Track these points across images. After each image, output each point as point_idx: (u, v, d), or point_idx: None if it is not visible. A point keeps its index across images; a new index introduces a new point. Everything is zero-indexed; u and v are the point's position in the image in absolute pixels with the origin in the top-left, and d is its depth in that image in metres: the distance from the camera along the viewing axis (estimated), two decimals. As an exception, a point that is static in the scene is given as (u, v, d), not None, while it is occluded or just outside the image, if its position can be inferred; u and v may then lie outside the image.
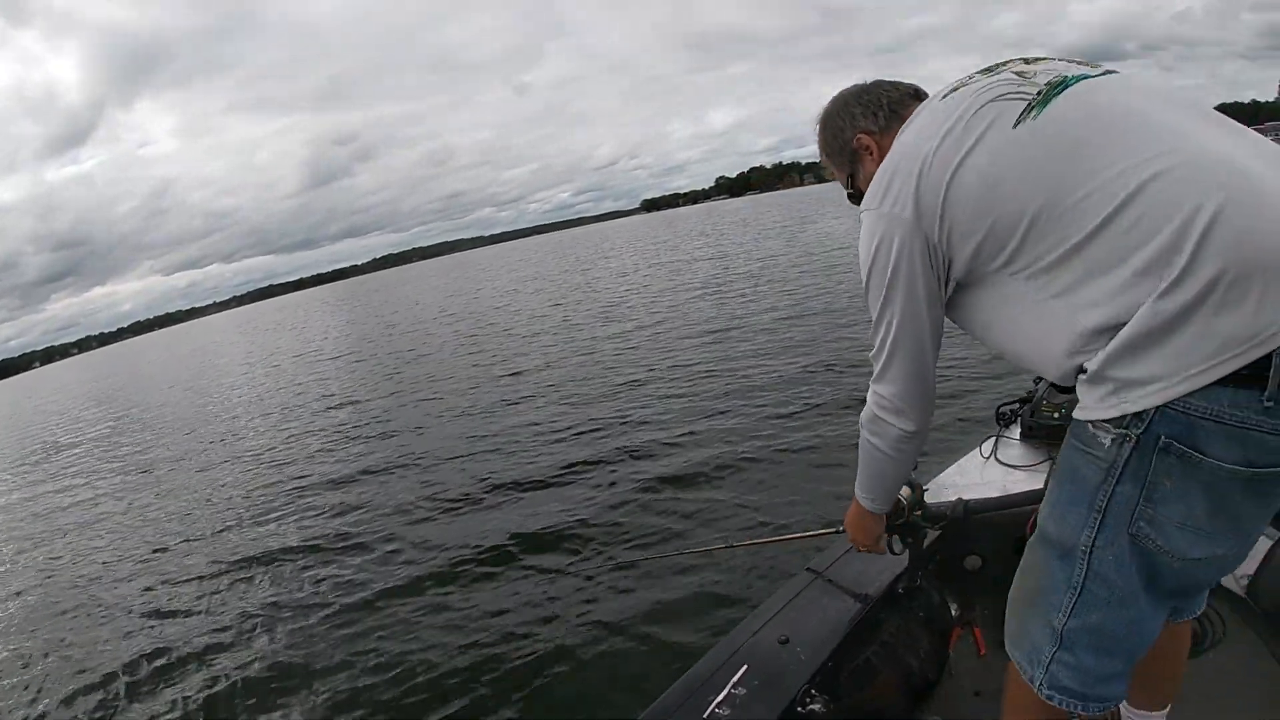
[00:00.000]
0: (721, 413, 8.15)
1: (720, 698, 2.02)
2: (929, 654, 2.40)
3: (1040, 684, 1.49)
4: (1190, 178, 1.14)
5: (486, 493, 7.10)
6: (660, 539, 5.30)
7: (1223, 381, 1.10)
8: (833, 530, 2.29)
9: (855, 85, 1.75)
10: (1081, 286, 1.22)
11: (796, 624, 2.30)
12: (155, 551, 7.77)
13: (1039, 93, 1.31)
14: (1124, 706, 1.92)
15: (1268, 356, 1.07)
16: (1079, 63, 1.39)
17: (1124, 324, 1.17)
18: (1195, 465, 1.18)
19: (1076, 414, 1.31)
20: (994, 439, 3.08)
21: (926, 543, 2.46)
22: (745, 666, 2.13)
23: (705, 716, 1.97)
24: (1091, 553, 1.34)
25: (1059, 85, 1.30)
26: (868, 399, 1.61)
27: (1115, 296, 1.18)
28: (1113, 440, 1.24)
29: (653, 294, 20.70)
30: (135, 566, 7.36)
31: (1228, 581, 2.45)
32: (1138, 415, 1.19)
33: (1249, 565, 2.39)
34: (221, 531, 7.85)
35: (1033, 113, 1.28)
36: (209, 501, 9.28)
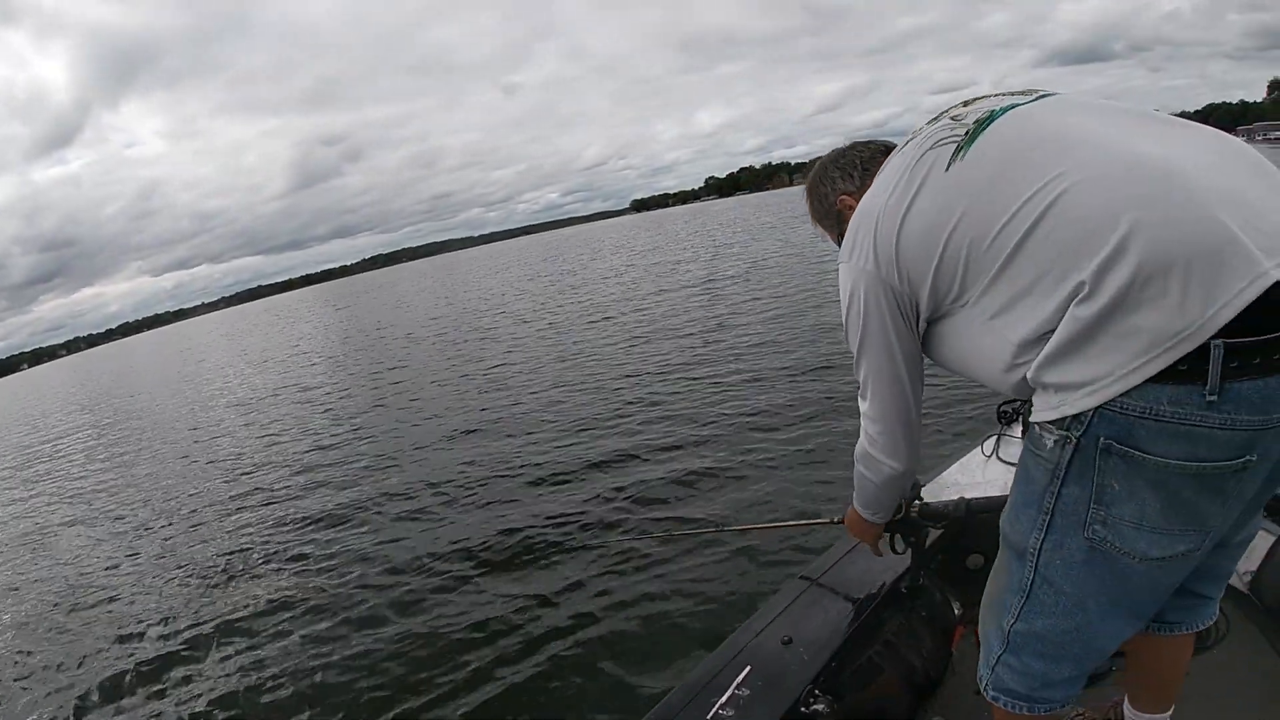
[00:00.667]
0: (714, 409, 8.23)
1: (724, 699, 2.02)
2: (932, 653, 2.39)
3: (986, 685, 1.54)
4: (1104, 187, 1.15)
5: (474, 494, 7.11)
6: (654, 531, 5.31)
7: (1160, 379, 1.10)
8: (826, 521, 2.39)
9: (833, 151, 1.87)
10: (1012, 305, 1.26)
11: (799, 624, 2.30)
12: (128, 556, 7.81)
13: (966, 133, 1.36)
14: (1128, 708, 1.92)
15: (1205, 350, 1.06)
16: (1016, 93, 1.43)
17: (1051, 333, 1.19)
18: (1139, 464, 1.18)
19: (1030, 417, 1.33)
20: (996, 437, 3.08)
21: (929, 542, 2.46)
22: (748, 667, 2.13)
23: (709, 717, 1.97)
24: (1039, 555, 1.36)
25: (985, 121, 1.36)
26: (861, 432, 1.71)
27: (1038, 308, 1.21)
28: (1055, 442, 1.25)
29: (641, 295, 20.75)
30: (107, 577, 7.33)
31: (1231, 578, 2.45)
32: (1077, 418, 1.20)
33: (1252, 562, 2.40)
34: (204, 536, 7.86)
35: (961, 154, 1.34)
36: (195, 501, 9.29)
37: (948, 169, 1.35)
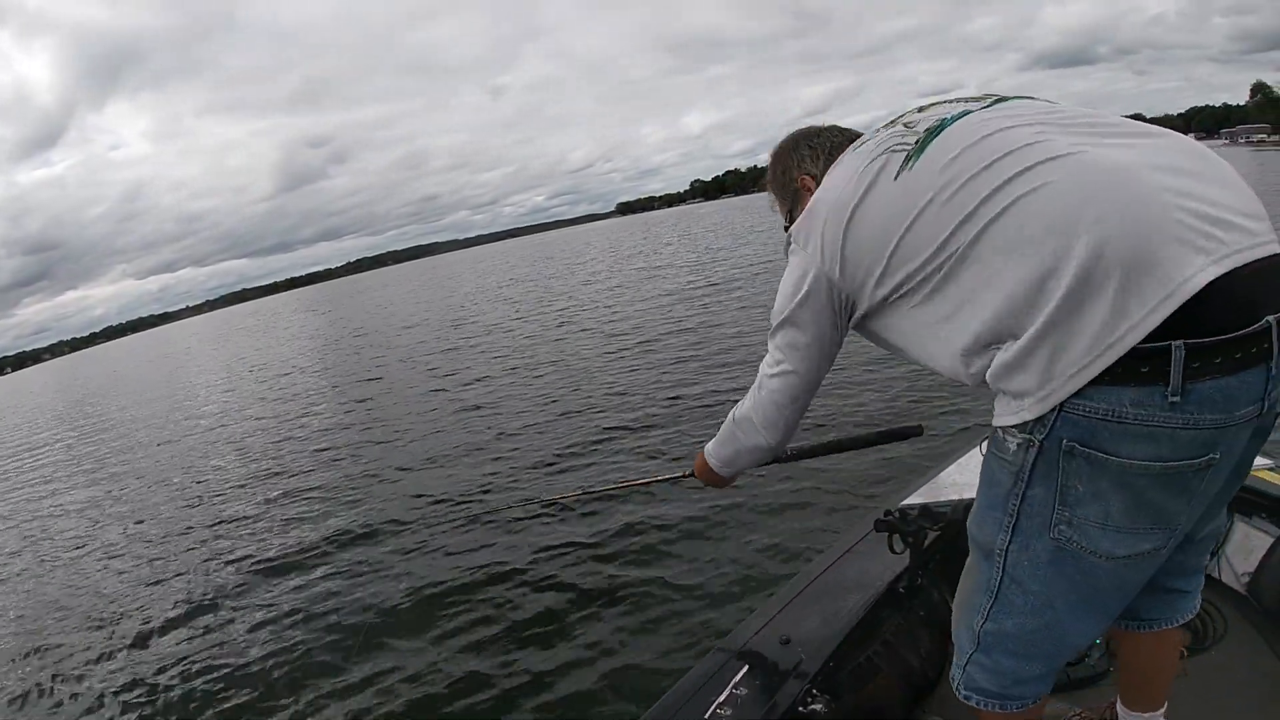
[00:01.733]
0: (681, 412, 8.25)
1: (722, 698, 2.01)
2: (930, 653, 2.40)
3: (958, 685, 1.56)
4: (1047, 197, 1.16)
5: (456, 500, 7.10)
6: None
7: (1122, 380, 1.11)
8: (682, 474, 2.28)
9: (812, 126, 1.85)
10: (959, 312, 1.27)
11: (797, 624, 2.29)
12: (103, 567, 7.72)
13: (917, 141, 1.37)
14: (1120, 708, 1.91)
15: (1167, 352, 1.07)
16: (970, 99, 1.46)
17: (1001, 339, 1.21)
18: (1103, 466, 1.18)
19: (993, 421, 1.33)
20: None
21: (927, 542, 2.47)
22: (746, 667, 2.12)
23: (707, 716, 1.96)
24: (1006, 556, 1.37)
25: (935, 130, 1.36)
26: (750, 395, 1.76)
27: (981, 317, 1.23)
28: (1018, 445, 1.26)
29: (626, 300, 20.67)
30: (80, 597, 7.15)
31: (1229, 579, 2.46)
32: (1039, 420, 1.20)
33: (1250, 563, 2.41)
34: (192, 540, 7.82)
35: (910, 163, 1.35)
36: (182, 502, 9.23)
37: (896, 178, 1.35)
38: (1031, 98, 1.44)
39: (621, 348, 12.90)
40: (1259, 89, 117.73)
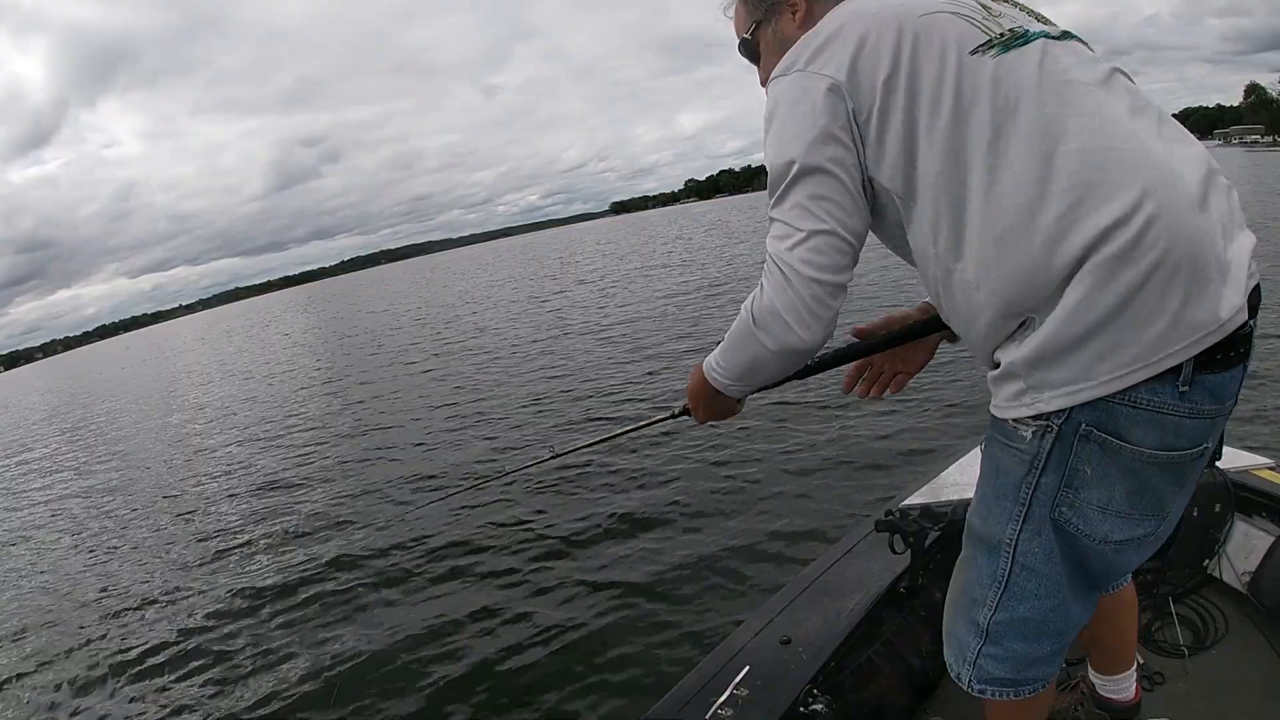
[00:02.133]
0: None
1: (723, 698, 2.00)
2: (931, 653, 2.37)
3: (970, 681, 1.51)
4: (1121, 176, 1.12)
5: (451, 500, 6.99)
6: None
7: None
8: (671, 415, 1.82)
9: None
10: (993, 265, 1.19)
11: (798, 624, 2.28)
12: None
13: (1001, 35, 1.23)
14: (1093, 674, 1.95)
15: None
16: (1040, 18, 1.35)
17: (1035, 319, 1.19)
18: (1116, 452, 1.21)
19: (994, 410, 1.33)
20: None
21: (928, 542, 2.46)
22: (747, 667, 2.11)
23: (708, 717, 1.95)
24: (1017, 546, 1.36)
25: (1020, 37, 1.24)
26: (765, 282, 1.28)
27: (1029, 288, 1.17)
28: (1034, 433, 1.26)
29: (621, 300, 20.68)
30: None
31: (1229, 578, 2.47)
32: (1059, 409, 1.21)
33: (1250, 562, 2.41)
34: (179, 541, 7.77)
35: (991, 51, 1.21)
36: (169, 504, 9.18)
37: (971, 53, 1.21)
38: (1081, 40, 1.32)
39: (613, 351, 12.92)
40: (1252, 90, 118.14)
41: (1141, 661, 2.24)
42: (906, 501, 2.72)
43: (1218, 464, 2.21)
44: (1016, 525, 1.34)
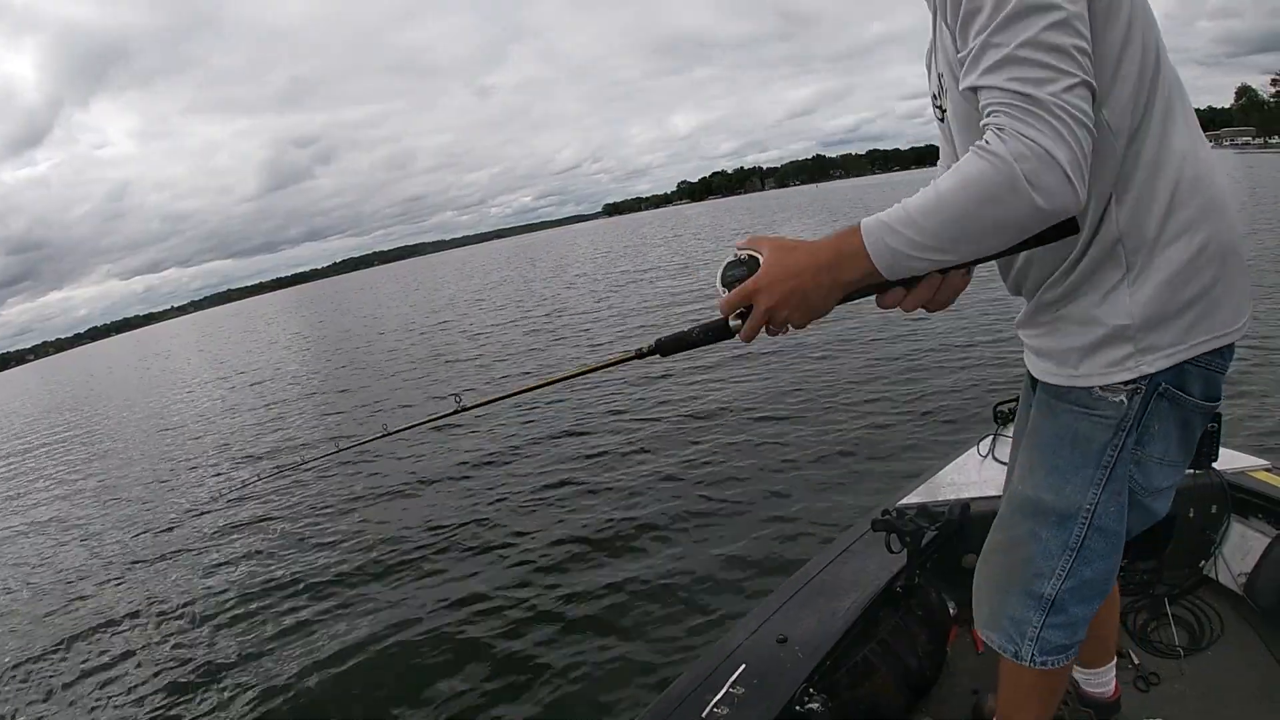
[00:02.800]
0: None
1: (719, 697, 2.00)
2: (927, 652, 2.39)
3: (1031, 656, 1.50)
4: (1209, 160, 1.26)
5: (447, 500, 7.06)
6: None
7: None
8: (633, 355, 1.44)
9: None
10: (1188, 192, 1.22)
11: (794, 623, 2.27)
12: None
13: None
14: (1077, 670, 1.98)
15: None
16: None
17: (1131, 273, 1.24)
18: (1180, 405, 1.31)
19: (1075, 380, 1.34)
20: (992, 437, 3.08)
21: (924, 541, 2.46)
22: (744, 666, 2.11)
23: (704, 715, 1.94)
24: (1095, 510, 1.39)
25: None
26: (1038, 125, 1.00)
27: (1151, 250, 1.23)
28: (1124, 397, 1.30)
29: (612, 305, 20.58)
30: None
31: (1226, 579, 2.47)
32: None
33: (1247, 564, 2.41)
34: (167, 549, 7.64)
35: None
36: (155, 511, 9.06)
37: None
38: None
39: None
40: (1244, 92, 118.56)
41: (1137, 662, 2.26)
42: (903, 501, 2.71)
43: (1214, 465, 2.23)
44: (1098, 490, 1.37)
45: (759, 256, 1.23)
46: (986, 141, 1.02)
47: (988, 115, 1.04)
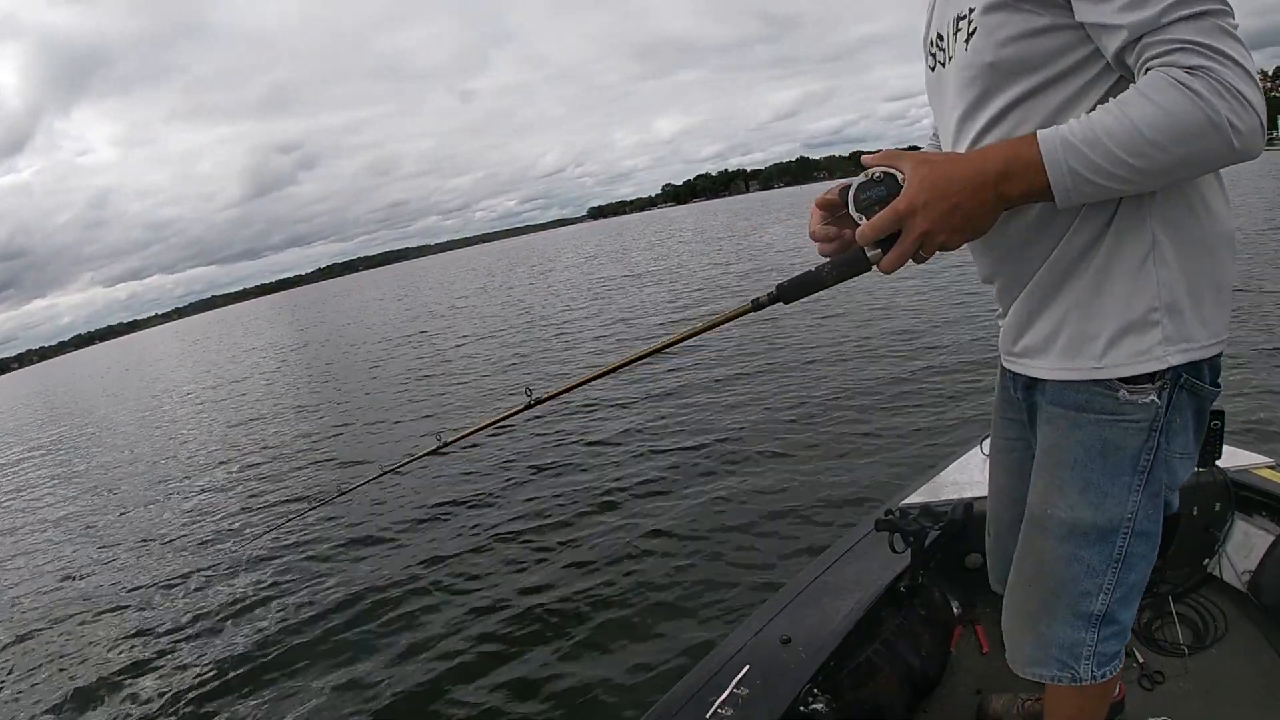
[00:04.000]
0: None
1: (723, 697, 1.99)
2: (931, 652, 2.39)
3: (1091, 673, 1.45)
4: None
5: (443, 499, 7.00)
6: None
7: None
8: (747, 308, 1.35)
9: None
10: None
11: (798, 623, 2.27)
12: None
13: None
14: None
15: None
16: None
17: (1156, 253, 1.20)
18: (1197, 395, 1.28)
19: (1097, 374, 1.27)
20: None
21: (928, 541, 2.45)
22: (747, 666, 2.10)
23: (708, 716, 1.93)
24: (1136, 516, 1.33)
25: None
26: (1240, 76, 0.99)
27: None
28: (1154, 396, 1.25)
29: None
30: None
31: (1229, 577, 2.48)
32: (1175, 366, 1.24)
33: (1250, 561, 2.42)
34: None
35: None
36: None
37: None
38: None
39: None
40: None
41: (1141, 660, 2.25)
42: (906, 501, 2.71)
43: (1217, 463, 2.22)
44: (1137, 497, 1.32)
45: (898, 174, 1.13)
46: (1185, 81, 0.99)
47: (1171, 54, 1.01)
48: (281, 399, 16.09)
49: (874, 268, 1.15)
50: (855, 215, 1.15)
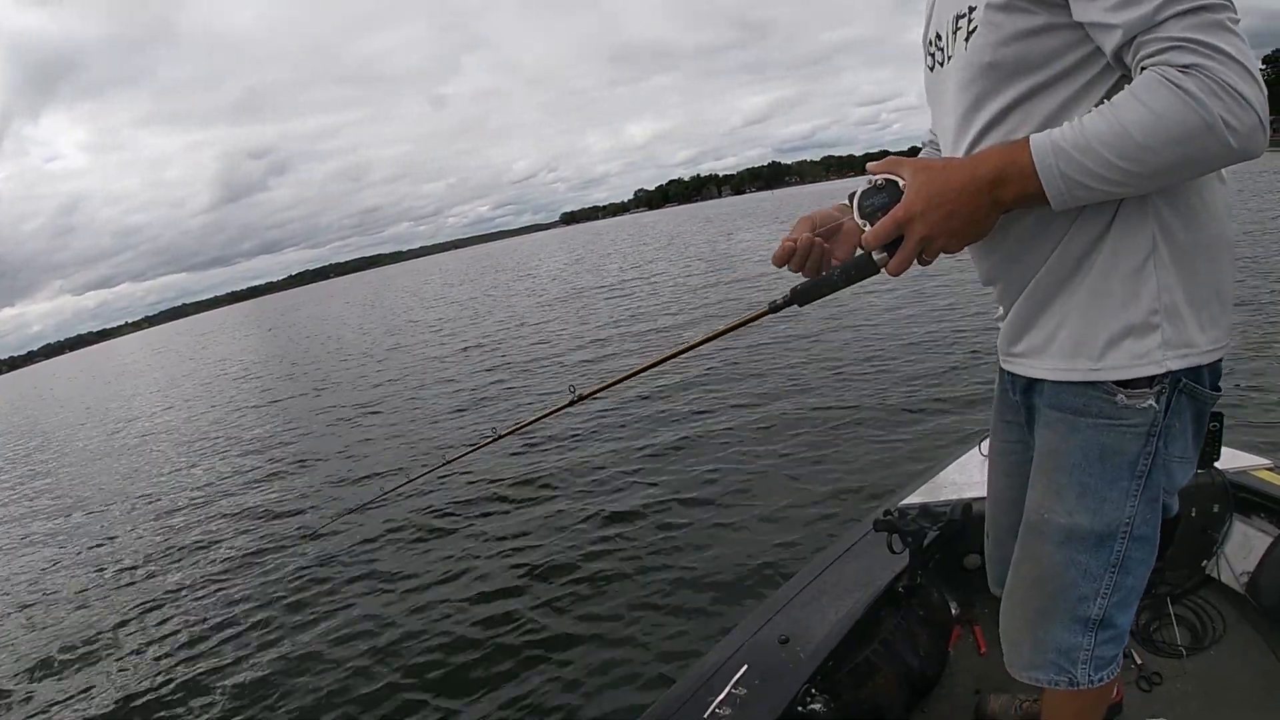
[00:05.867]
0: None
1: (721, 697, 1.99)
2: (929, 652, 2.39)
3: (1089, 678, 1.45)
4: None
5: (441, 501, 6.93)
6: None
7: None
8: (764, 311, 1.39)
9: None
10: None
11: (796, 623, 2.26)
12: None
13: None
14: None
15: None
16: None
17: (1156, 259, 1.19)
18: (1197, 399, 1.27)
19: (1095, 375, 1.26)
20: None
21: (926, 541, 2.45)
22: (745, 666, 2.10)
23: (706, 716, 1.93)
24: (1134, 522, 1.33)
25: None
26: (1240, 74, 0.98)
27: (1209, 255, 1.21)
28: (1153, 400, 1.24)
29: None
30: None
31: (1228, 579, 2.49)
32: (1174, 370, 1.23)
33: (1249, 563, 2.43)
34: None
35: None
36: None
37: None
38: None
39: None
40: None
41: (1139, 662, 2.26)
42: (905, 501, 2.72)
43: (1216, 464, 2.23)
44: (1135, 501, 1.31)
45: (899, 180, 1.17)
46: (1177, 81, 0.98)
47: (1164, 52, 1.00)
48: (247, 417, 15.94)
49: (881, 271, 1.19)
50: (860, 222, 1.19)
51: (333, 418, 12.16)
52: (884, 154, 1.24)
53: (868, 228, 1.17)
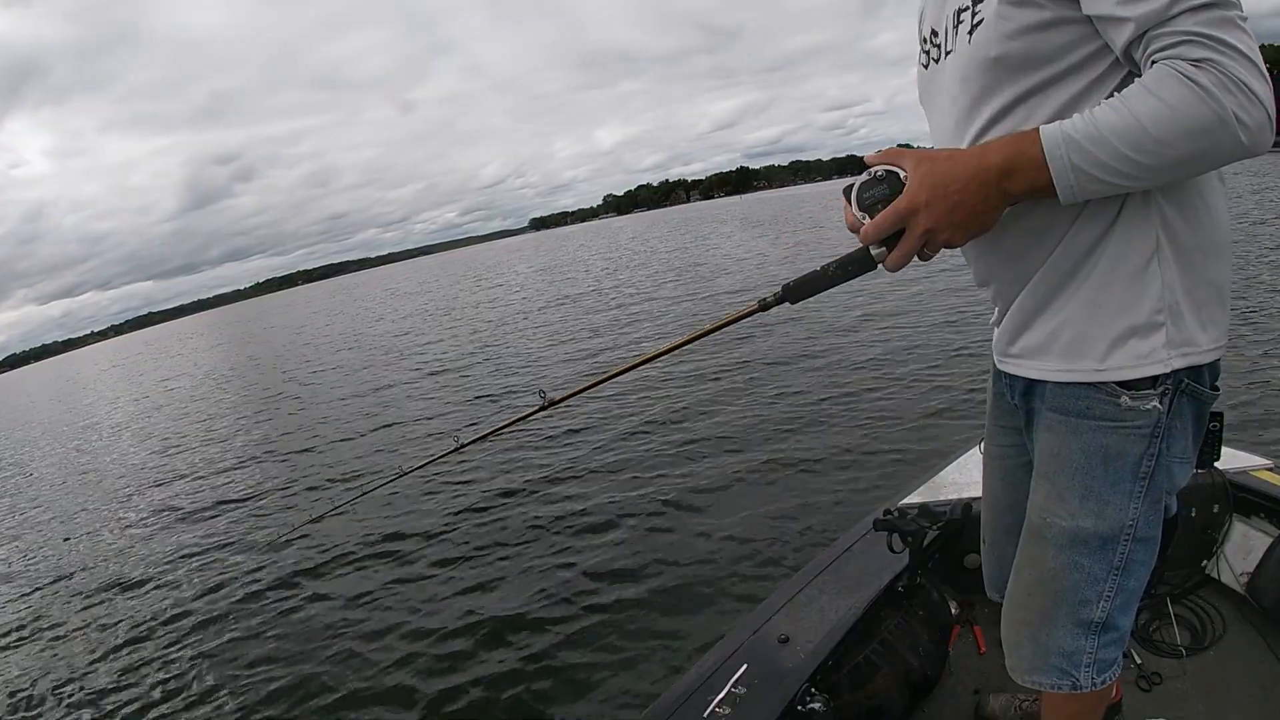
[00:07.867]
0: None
1: (720, 696, 1.98)
2: (929, 652, 2.38)
3: (1091, 681, 1.44)
4: None
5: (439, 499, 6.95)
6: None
7: None
8: (756, 307, 1.38)
9: None
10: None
11: (796, 622, 2.26)
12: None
13: None
14: None
15: None
16: None
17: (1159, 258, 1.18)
18: (1197, 399, 1.26)
19: (1099, 376, 1.25)
20: None
21: (926, 541, 2.45)
22: (745, 665, 2.09)
23: (706, 715, 1.93)
24: (1136, 523, 1.32)
25: None
26: (1252, 72, 0.98)
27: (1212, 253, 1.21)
28: (1156, 401, 1.23)
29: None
30: None
31: (1228, 579, 2.50)
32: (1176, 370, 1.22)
33: (1249, 563, 2.44)
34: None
35: None
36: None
37: None
38: None
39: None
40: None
41: (1139, 661, 2.26)
42: (905, 501, 2.72)
43: (1216, 464, 2.24)
44: (1138, 504, 1.30)
45: (900, 172, 1.14)
46: (1191, 75, 0.98)
47: (1176, 46, 1.00)
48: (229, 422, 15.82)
49: (879, 266, 1.17)
50: (858, 214, 1.16)
51: (290, 432, 12.03)
52: (850, 159, 1.22)
53: (866, 220, 1.15)
